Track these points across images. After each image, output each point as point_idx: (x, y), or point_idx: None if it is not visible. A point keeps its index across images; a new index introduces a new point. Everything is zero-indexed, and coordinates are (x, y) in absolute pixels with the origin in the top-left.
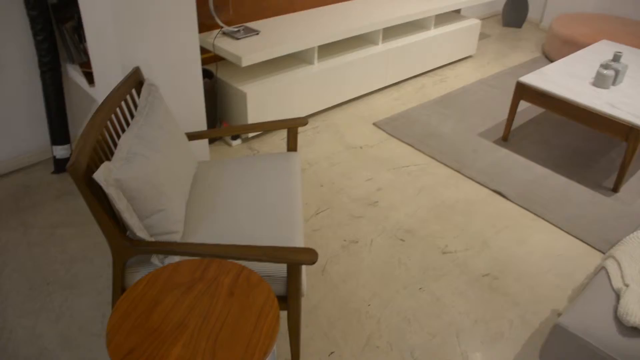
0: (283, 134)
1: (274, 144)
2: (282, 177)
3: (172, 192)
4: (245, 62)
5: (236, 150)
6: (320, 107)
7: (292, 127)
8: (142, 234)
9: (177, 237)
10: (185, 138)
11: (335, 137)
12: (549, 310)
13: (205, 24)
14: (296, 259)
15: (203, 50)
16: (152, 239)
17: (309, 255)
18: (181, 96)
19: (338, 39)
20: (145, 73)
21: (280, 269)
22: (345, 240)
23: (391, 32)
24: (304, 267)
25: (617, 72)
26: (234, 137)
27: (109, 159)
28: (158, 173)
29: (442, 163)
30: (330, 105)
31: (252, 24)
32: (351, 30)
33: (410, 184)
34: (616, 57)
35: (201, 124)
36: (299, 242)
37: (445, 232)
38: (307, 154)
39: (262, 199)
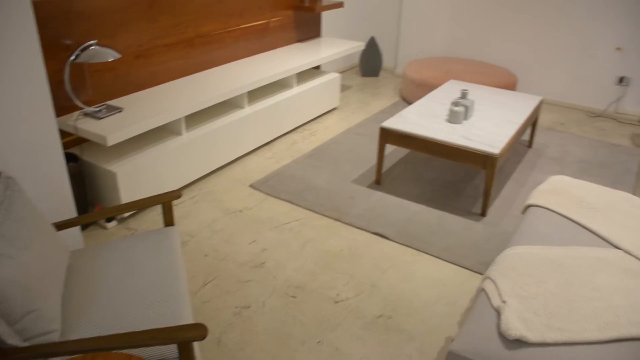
0: (160, 209)
1: (152, 221)
2: (162, 253)
3: (44, 289)
4: (110, 142)
5: (112, 232)
6: (195, 176)
7: (166, 202)
8: (13, 340)
9: (55, 337)
10: (52, 229)
11: (214, 204)
12: (443, 339)
13: (64, 107)
14: (184, 337)
15: (64, 133)
16: (27, 344)
17: (197, 331)
18: (44, 185)
19: (204, 107)
20: (0, 166)
21: (172, 349)
22: (237, 307)
23: (256, 93)
24: (196, 343)
25: (466, 107)
26: (109, 220)
27: None
28: (25, 272)
29: (321, 214)
30: (205, 173)
31: (114, 102)
32: (216, 97)
33: (293, 239)
34: (463, 95)
35: (70, 211)
36: (188, 318)
37: (334, 282)
38: (187, 225)
39: (144, 279)
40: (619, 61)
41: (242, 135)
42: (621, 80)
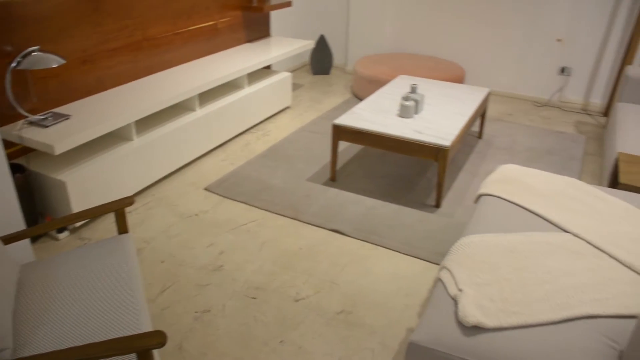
0: (113, 217)
1: (106, 229)
2: (117, 262)
3: None
4: (58, 150)
5: (65, 243)
6: (148, 181)
7: (118, 209)
8: None
9: (6, 355)
10: None
11: (169, 209)
12: (404, 331)
13: (6, 115)
14: (144, 345)
15: (9, 143)
16: None
17: (157, 338)
18: None
19: (154, 111)
20: None
21: (131, 358)
22: (197, 312)
23: (207, 95)
24: (156, 351)
25: (416, 102)
26: (60, 230)
27: None
28: None
29: (278, 214)
30: (158, 178)
31: (61, 109)
32: (166, 100)
33: (251, 240)
34: (413, 89)
35: (18, 224)
36: (146, 326)
37: (294, 280)
38: (142, 232)
39: (99, 289)
40: (560, 52)
41: (195, 138)
42: (563, 70)
